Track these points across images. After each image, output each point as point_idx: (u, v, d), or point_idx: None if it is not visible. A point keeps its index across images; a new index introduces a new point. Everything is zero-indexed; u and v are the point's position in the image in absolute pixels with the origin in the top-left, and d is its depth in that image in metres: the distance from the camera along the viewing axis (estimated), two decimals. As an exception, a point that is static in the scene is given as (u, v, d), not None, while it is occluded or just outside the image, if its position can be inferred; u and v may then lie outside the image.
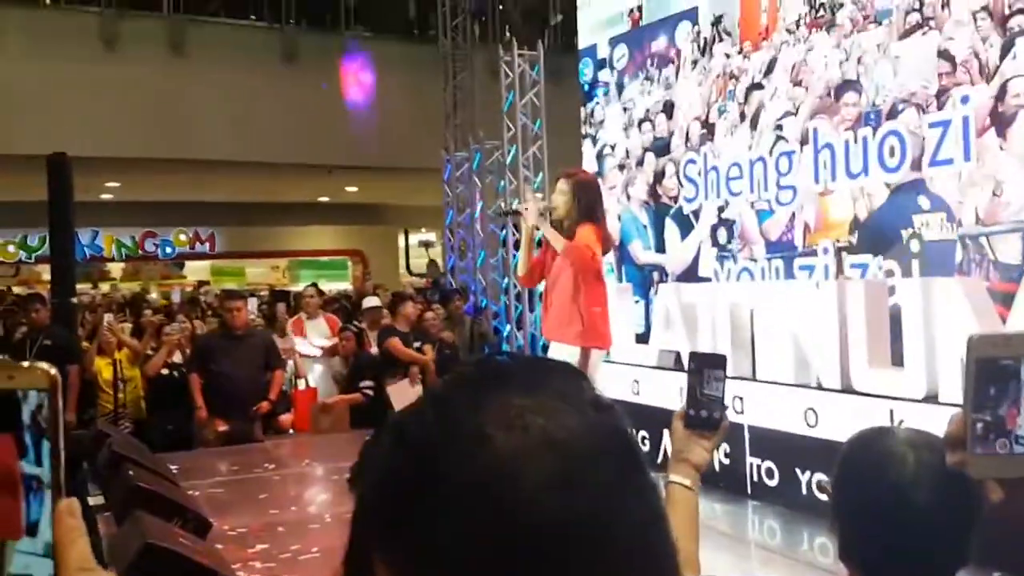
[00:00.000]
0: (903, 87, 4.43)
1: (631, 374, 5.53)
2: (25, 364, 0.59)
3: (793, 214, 5.04)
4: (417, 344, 7.32)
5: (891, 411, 3.89)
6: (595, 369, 4.25)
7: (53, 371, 0.59)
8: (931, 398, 3.81)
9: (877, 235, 4.56)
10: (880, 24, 4.57)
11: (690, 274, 5.75)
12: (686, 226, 5.83)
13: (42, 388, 0.58)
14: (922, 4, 4.35)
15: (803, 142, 4.97)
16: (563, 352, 4.12)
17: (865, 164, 4.59)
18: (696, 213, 5.74)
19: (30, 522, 0.57)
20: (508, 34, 10.25)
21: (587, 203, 4.19)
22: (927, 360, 3.84)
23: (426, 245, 18.06)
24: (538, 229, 4.39)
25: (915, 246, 4.34)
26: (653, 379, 5.34)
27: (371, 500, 0.58)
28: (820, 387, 4.32)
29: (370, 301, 8.31)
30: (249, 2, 10.90)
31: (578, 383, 0.58)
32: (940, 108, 4.24)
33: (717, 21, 5.59)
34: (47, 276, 13.00)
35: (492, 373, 0.59)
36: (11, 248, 15.13)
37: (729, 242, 5.48)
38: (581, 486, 0.53)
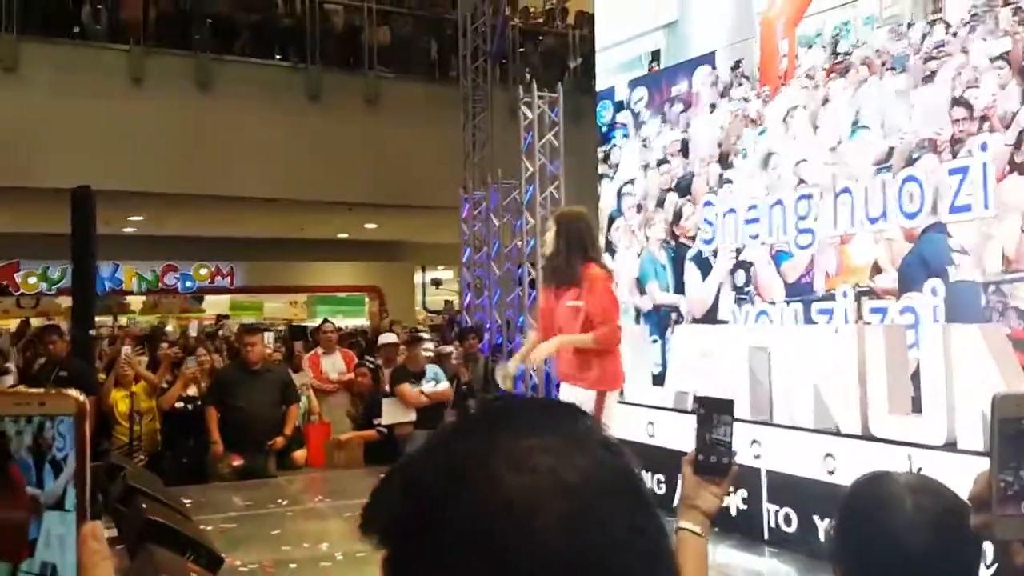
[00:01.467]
0: (920, 133, 4.44)
1: (646, 415, 5.49)
2: (54, 391, 0.61)
3: (812, 258, 5.03)
4: (433, 382, 7.32)
5: (909, 457, 3.84)
6: (610, 409, 4.23)
7: (82, 398, 0.61)
8: (950, 445, 3.76)
9: (897, 280, 4.54)
10: (897, 71, 4.60)
11: (708, 316, 5.73)
12: (704, 268, 5.83)
13: (70, 414, 0.60)
14: (940, 51, 4.38)
15: (822, 186, 4.97)
16: (578, 395, 4.10)
17: (884, 209, 4.59)
18: (714, 255, 5.74)
19: (28, 541, 0.58)
20: (528, 76, 10.37)
21: (575, 236, 4.21)
22: (947, 407, 3.80)
23: (436, 283, 18.16)
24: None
25: (936, 292, 4.31)
26: (668, 421, 5.30)
27: (384, 545, 0.58)
28: (838, 432, 4.27)
29: (386, 338, 8.33)
30: (275, 42, 11.10)
31: (586, 424, 0.59)
32: (956, 155, 4.25)
33: (736, 65, 5.64)
34: (67, 307, 13.14)
35: (501, 414, 0.60)
36: (32, 280, 15.29)
37: (747, 285, 5.47)
38: (589, 527, 0.54)
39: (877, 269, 4.65)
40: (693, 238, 5.94)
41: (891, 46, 4.65)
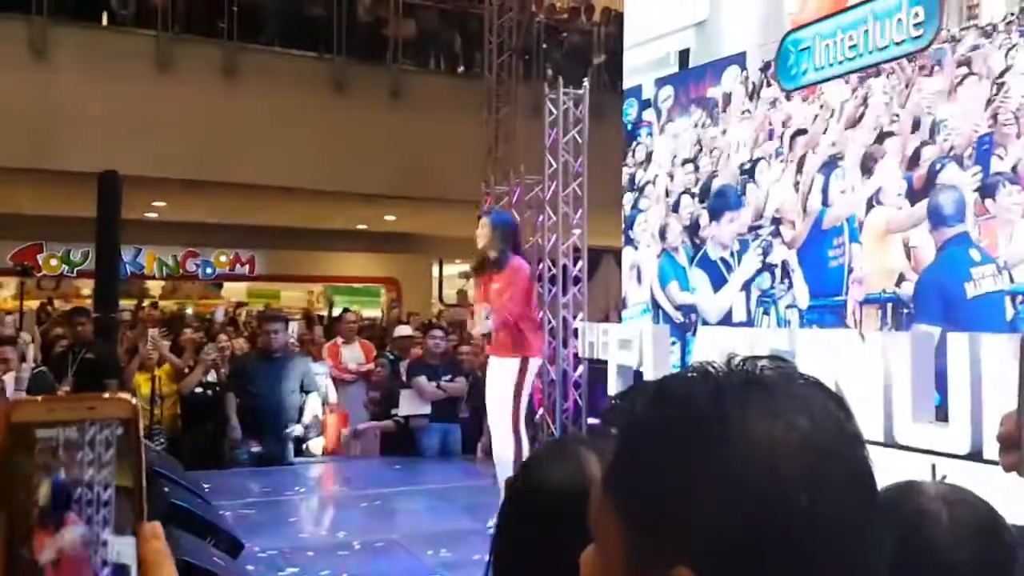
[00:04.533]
0: (950, 140, 4.41)
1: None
2: (106, 396, 0.60)
3: (839, 263, 5.01)
4: (448, 377, 7.34)
5: (933, 466, 3.81)
6: (531, 374, 5.12)
7: (134, 401, 0.61)
8: (975, 455, 3.73)
9: (925, 287, 4.51)
10: (931, 76, 4.57)
11: (729, 318, 5.71)
12: (727, 269, 5.81)
13: (122, 418, 0.59)
14: (971, 57, 4.35)
15: (851, 191, 4.95)
16: (504, 364, 5.02)
17: (912, 216, 4.56)
18: (738, 257, 5.72)
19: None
20: (551, 72, 10.34)
21: (504, 234, 5.09)
22: (972, 416, 3.77)
23: (466, 276, 18.21)
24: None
25: (963, 300, 4.28)
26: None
27: (622, 447, 0.62)
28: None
29: (402, 330, 8.36)
30: (301, 32, 11.12)
31: (829, 394, 0.63)
32: (987, 162, 4.22)
33: (765, 67, 5.61)
34: (87, 291, 13.24)
35: (755, 377, 0.62)
36: (53, 262, 15.40)
37: (771, 288, 5.45)
38: (829, 491, 0.57)
39: (904, 276, 4.63)
40: (716, 240, 5.92)
41: (924, 49, 4.61)
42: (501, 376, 5.05)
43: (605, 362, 6.08)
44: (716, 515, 0.56)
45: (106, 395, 0.60)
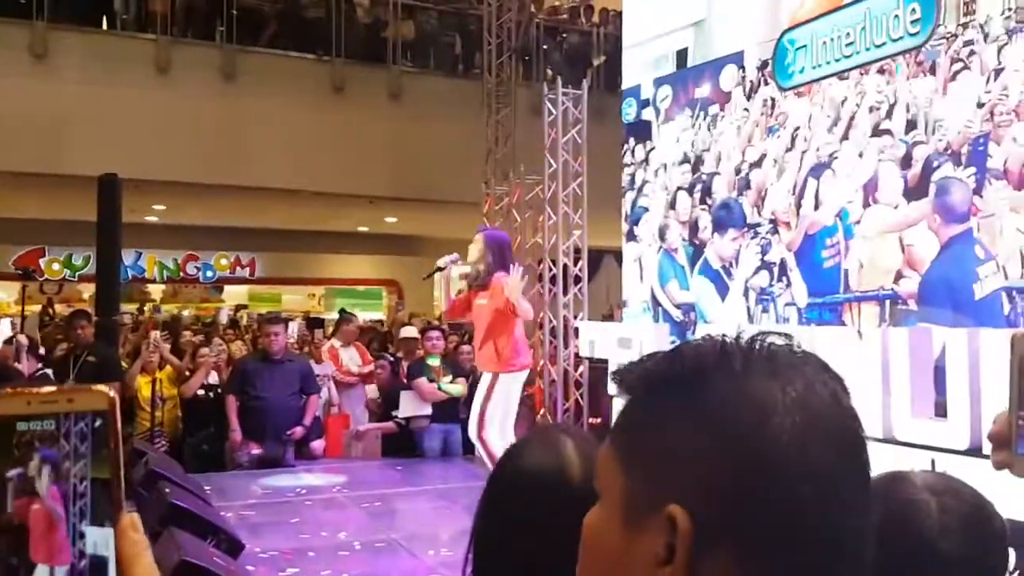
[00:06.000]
0: (947, 137, 4.41)
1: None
2: (83, 387, 0.61)
3: (837, 260, 5.01)
4: (449, 377, 7.35)
5: (932, 462, 3.81)
6: (517, 383, 5.26)
7: (112, 393, 0.61)
8: (975, 450, 3.74)
9: (923, 284, 4.51)
10: (927, 74, 4.57)
11: (729, 317, 5.71)
12: (725, 268, 5.81)
13: (101, 409, 0.60)
14: (969, 53, 4.35)
15: (848, 188, 4.95)
16: (485, 377, 5.23)
17: (910, 213, 4.56)
18: (736, 255, 5.73)
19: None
20: (550, 72, 10.36)
21: (494, 251, 5.31)
22: (971, 411, 3.78)
23: (466, 277, 18.20)
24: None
25: (961, 296, 4.29)
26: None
27: (628, 401, 0.66)
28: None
29: (406, 331, 8.36)
30: (299, 34, 11.14)
31: (829, 370, 0.65)
32: (982, 159, 4.22)
33: (763, 65, 5.62)
34: (88, 295, 13.25)
35: (761, 345, 0.65)
36: (55, 266, 15.43)
37: (769, 286, 5.45)
38: (817, 446, 0.59)
39: (901, 273, 4.63)
40: (714, 239, 5.92)
41: (921, 46, 4.62)
42: (481, 385, 5.24)
43: (606, 361, 6.08)
44: (708, 461, 0.59)
45: (83, 387, 0.60)
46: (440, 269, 5.56)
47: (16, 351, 6.14)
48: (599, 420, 7.33)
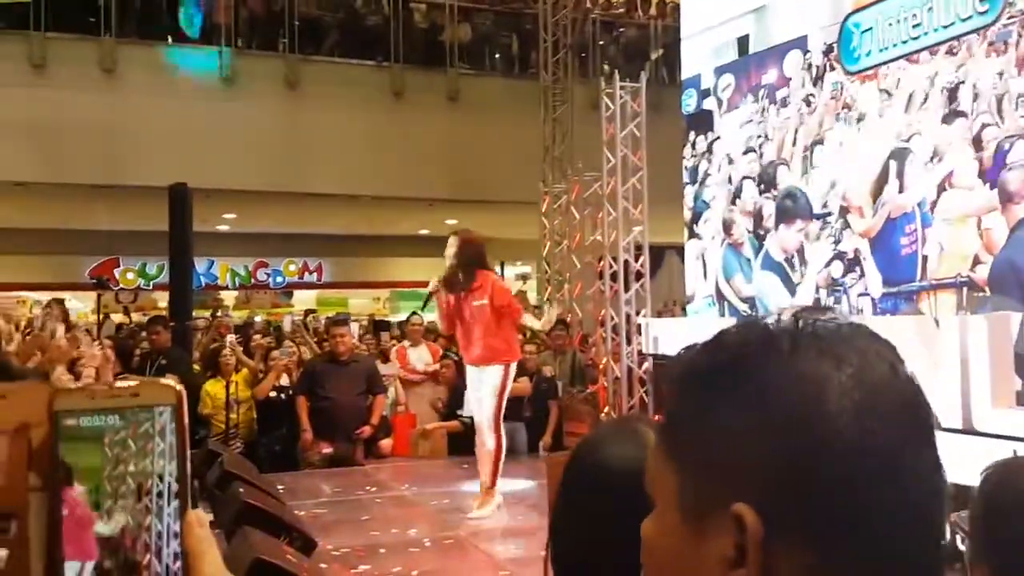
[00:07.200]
0: (1019, 118, 4.25)
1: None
2: (149, 381, 0.61)
3: (912, 247, 4.87)
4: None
5: (1014, 452, 3.68)
6: (511, 375, 5.30)
7: (178, 386, 0.60)
8: (1061, 441, 3.59)
9: (1000, 270, 4.36)
10: (1000, 55, 4.41)
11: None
12: (788, 260, 5.69)
13: (167, 403, 0.59)
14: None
15: (920, 174, 4.80)
16: (489, 371, 5.19)
17: (984, 198, 4.41)
18: (800, 247, 5.60)
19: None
20: (607, 67, 10.30)
21: (472, 253, 5.38)
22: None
23: (523, 278, 18.24)
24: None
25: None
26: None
27: (675, 394, 0.63)
28: (940, 428, 4.12)
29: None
30: (359, 42, 11.30)
31: (880, 340, 0.62)
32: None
33: (829, 50, 5.49)
34: (163, 303, 13.64)
35: (807, 323, 0.62)
36: (130, 276, 15.91)
37: (843, 276, 5.32)
38: (879, 428, 0.56)
39: (978, 259, 4.48)
40: (780, 242, 5.81)
41: (991, 24, 4.46)
42: (486, 382, 5.19)
43: (670, 357, 6.02)
44: (767, 450, 0.56)
45: (150, 381, 0.60)
46: (432, 294, 5.56)
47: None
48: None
